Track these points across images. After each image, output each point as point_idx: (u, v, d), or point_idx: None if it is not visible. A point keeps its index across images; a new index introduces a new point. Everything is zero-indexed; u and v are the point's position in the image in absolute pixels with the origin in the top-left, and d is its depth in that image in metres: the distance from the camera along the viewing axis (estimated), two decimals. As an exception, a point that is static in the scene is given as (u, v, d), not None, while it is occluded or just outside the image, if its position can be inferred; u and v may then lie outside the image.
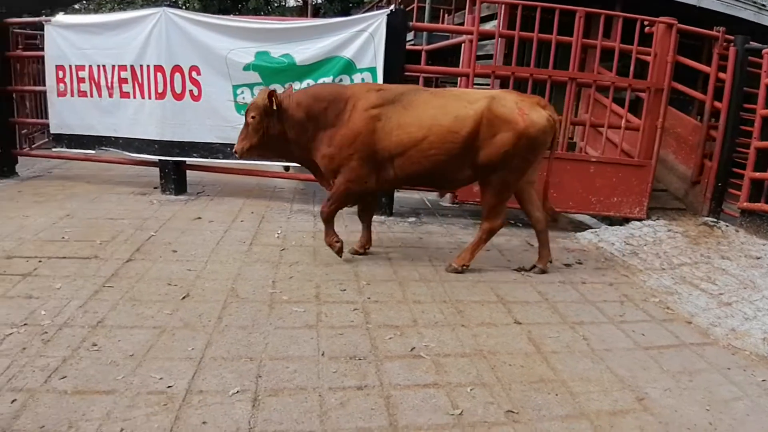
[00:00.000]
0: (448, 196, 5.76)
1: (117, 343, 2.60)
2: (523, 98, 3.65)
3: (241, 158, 3.90)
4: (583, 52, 5.40)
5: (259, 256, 3.82)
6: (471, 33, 5.10)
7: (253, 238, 4.21)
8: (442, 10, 10.51)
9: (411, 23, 5.49)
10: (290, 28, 5.00)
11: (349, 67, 4.90)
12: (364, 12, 13.70)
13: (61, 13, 5.99)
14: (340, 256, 3.84)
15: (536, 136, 3.51)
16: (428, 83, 7.13)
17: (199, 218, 4.64)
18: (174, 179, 5.45)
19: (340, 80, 4.92)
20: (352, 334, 2.84)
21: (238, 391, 2.29)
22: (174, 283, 3.31)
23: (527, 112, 3.50)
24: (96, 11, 16.18)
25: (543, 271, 3.92)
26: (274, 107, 3.59)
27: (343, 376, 2.45)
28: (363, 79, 4.89)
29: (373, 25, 4.79)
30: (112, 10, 16.08)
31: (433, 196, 5.96)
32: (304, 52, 4.93)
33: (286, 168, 5.84)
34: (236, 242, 4.11)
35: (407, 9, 9.80)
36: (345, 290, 3.37)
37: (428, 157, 3.53)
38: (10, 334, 2.67)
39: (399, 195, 5.39)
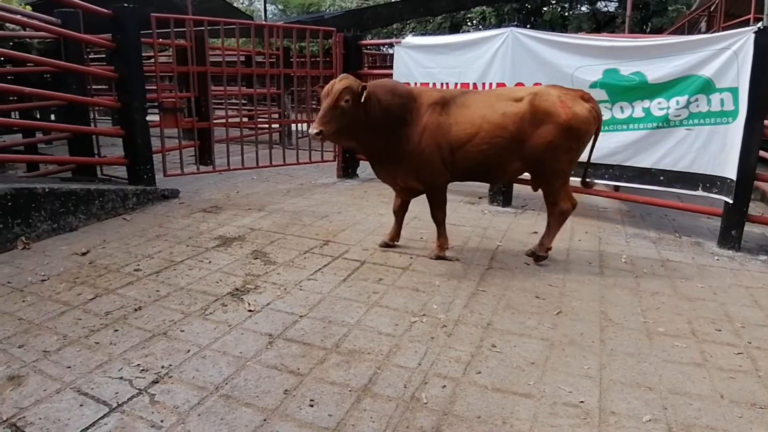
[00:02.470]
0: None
1: (514, 349, 2.76)
2: (567, 92, 3.82)
3: (323, 140, 3.87)
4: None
5: (615, 281, 3.71)
6: None
7: (600, 261, 4.12)
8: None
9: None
10: (643, 45, 4.78)
11: (707, 87, 4.49)
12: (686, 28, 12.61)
13: (410, 35, 6.72)
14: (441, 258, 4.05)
15: (579, 127, 3.68)
16: None
17: (535, 233, 4.72)
18: (503, 191, 5.66)
19: (696, 100, 4.55)
20: (745, 380, 2.58)
21: (650, 420, 2.24)
22: (542, 297, 3.40)
23: (570, 105, 3.68)
24: (399, 32, 17.92)
25: (538, 257, 4.00)
26: (363, 98, 3.59)
27: (749, 422, 2.26)
28: (722, 100, 4.44)
29: (738, 43, 4.31)
30: (413, 31, 17.63)
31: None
32: (657, 71, 4.68)
33: (616, 188, 5.66)
34: (584, 262, 4.06)
35: (730, 23, 8.72)
36: (720, 330, 3.07)
37: (481, 151, 3.76)
38: (415, 321, 3.02)
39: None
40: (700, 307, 3.39)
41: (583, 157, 4.02)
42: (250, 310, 3.11)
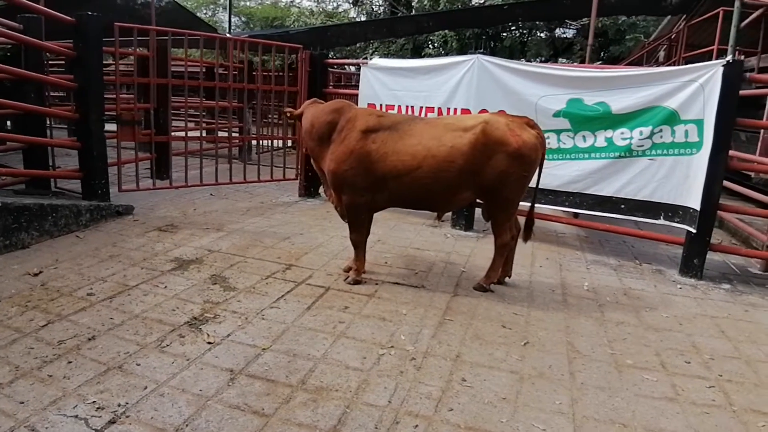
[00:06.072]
0: (760, 263, 5.09)
1: (484, 383, 2.72)
2: (513, 119, 3.82)
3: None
4: None
5: (579, 310, 3.74)
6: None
7: (562, 289, 4.15)
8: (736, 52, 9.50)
9: (749, 75, 4.95)
10: (609, 76, 4.89)
11: (672, 118, 4.62)
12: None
13: (376, 57, 6.70)
14: (358, 283, 4.00)
15: (528, 154, 3.68)
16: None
17: (499, 258, 4.73)
18: (465, 216, 5.68)
19: (660, 131, 4.67)
20: (719, 415, 2.60)
21: (627, 462, 2.21)
22: (508, 326, 3.39)
23: (518, 132, 3.67)
24: (361, 53, 17.91)
25: (484, 288, 3.96)
26: (291, 118, 4.31)
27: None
28: (687, 131, 4.58)
29: (705, 76, 4.45)
30: (376, 50, 17.66)
31: (737, 259, 5.29)
32: (621, 101, 4.79)
33: (576, 215, 5.75)
34: (547, 290, 4.09)
35: (692, 53, 9.10)
36: (690, 363, 3.11)
37: (423, 185, 3.70)
38: (383, 354, 2.95)
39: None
40: (666, 337, 3.43)
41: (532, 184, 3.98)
42: (209, 342, 2.97)
